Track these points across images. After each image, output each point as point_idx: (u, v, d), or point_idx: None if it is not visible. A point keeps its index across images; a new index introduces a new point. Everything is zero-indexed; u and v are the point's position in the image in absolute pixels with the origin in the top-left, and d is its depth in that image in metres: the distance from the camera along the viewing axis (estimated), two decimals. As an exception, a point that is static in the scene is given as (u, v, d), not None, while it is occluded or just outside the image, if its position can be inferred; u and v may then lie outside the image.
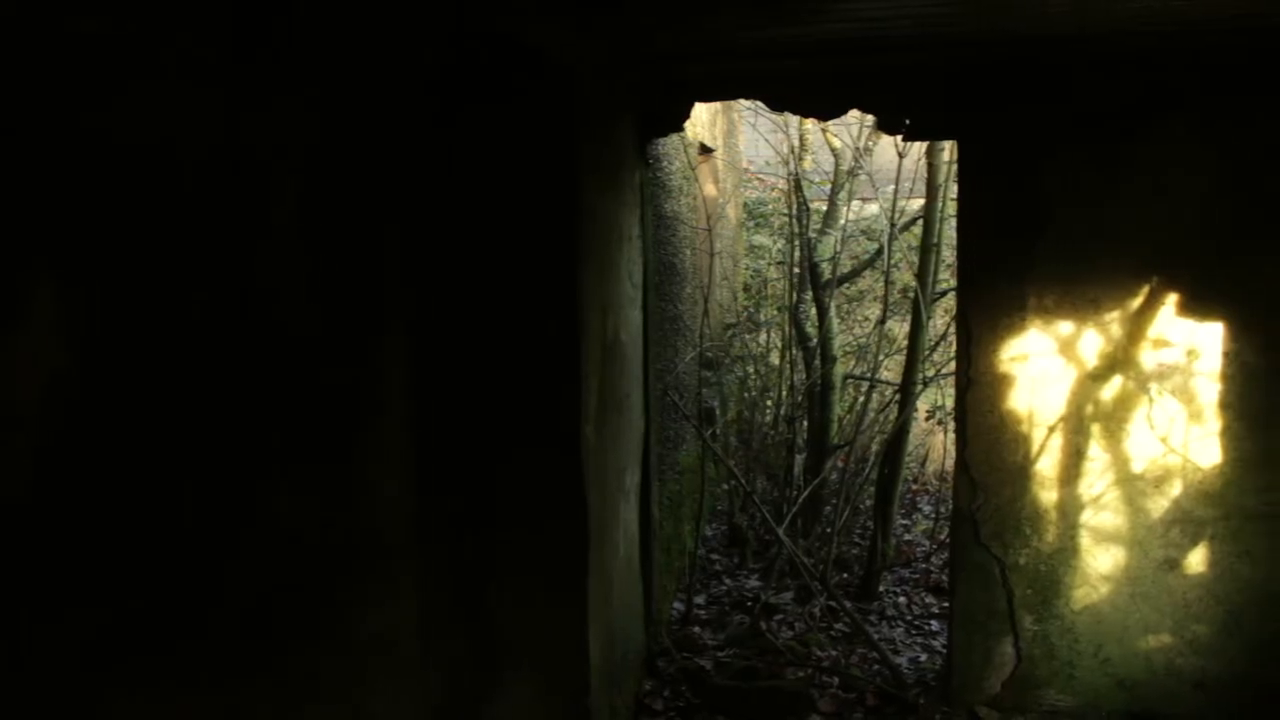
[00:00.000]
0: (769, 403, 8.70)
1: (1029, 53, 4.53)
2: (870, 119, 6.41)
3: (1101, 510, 5.09)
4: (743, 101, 8.57)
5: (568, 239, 4.04)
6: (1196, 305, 4.90)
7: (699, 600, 6.86)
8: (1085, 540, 5.13)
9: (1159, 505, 5.06)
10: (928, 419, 8.88)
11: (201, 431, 2.15)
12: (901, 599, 7.01)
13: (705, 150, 8.85)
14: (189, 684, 2.15)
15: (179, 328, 2.07)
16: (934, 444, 9.70)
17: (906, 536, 8.31)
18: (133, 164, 1.93)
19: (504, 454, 4.19)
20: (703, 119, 8.44)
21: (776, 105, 5.13)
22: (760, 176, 11.60)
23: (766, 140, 8.89)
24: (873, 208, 9.27)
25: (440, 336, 3.97)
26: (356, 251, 2.65)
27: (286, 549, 2.35)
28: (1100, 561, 5.13)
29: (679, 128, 5.40)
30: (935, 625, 6.53)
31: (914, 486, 9.60)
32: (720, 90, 5.27)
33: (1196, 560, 5.07)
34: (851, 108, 5.08)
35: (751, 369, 9.09)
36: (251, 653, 2.32)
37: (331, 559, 2.54)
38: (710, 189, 9.32)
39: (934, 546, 7.88)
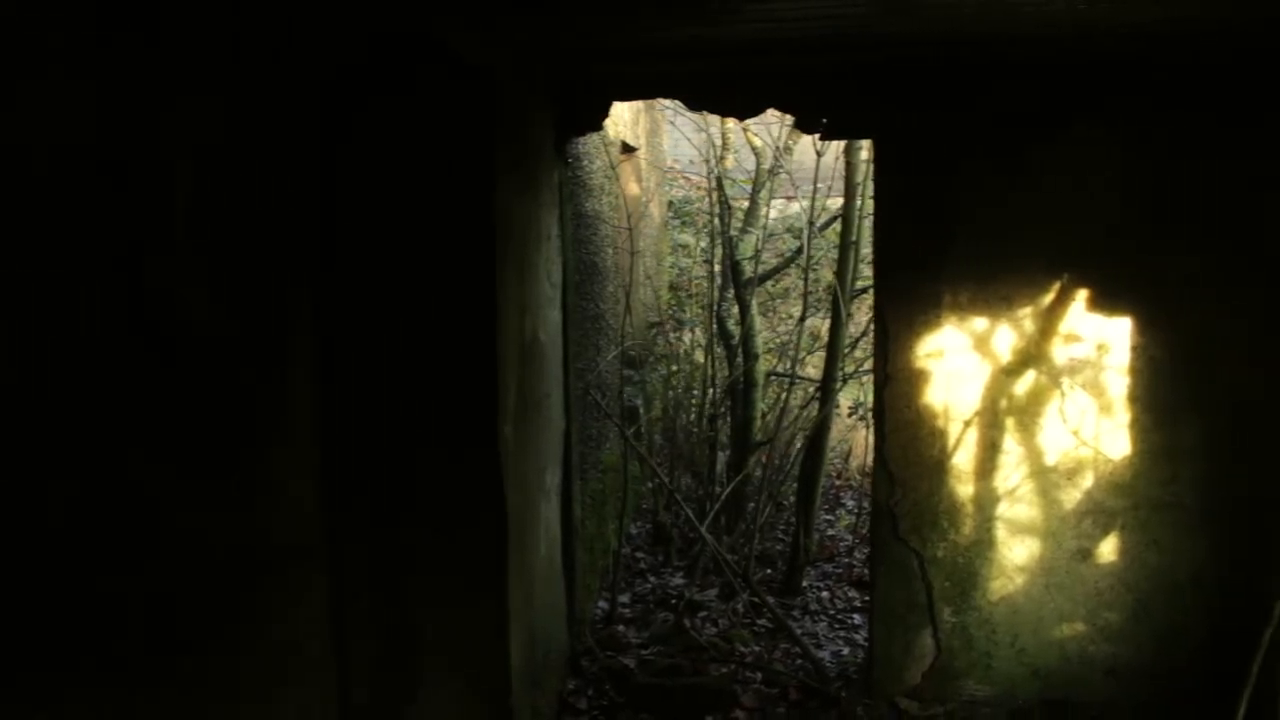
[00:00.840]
0: (693, 401, 8.73)
1: (942, 55, 4.60)
2: (789, 118, 6.45)
3: (1016, 503, 5.18)
4: (664, 100, 8.58)
5: (484, 239, 4.02)
6: (1106, 301, 5.01)
7: (623, 598, 6.86)
8: (1001, 532, 5.22)
9: (1071, 497, 5.16)
10: (850, 415, 8.97)
11: (94, 438, 2.10)
12: (825, 594, 7.07)
13: (628, 149, 8.86)
14: (90, 697, 2.11)
15: (68, 333, 2.02)
16: (857, 440, 9.81)
17: (830, 532, 8.40)
18: (10, 163, 1.88)
19: (422, 455, 4.16)
20: (625, 118, 8.44)
21: (694, 105, 5.15)
22: (687, 175, 11.63)
23: (689, 140, 8.90)
24: (795, 206, 9.33)
25: (352, 337, 3.94)
26: (257, 251, 2.61)
27: (188, 555, 2.31)
28: (1016, 553, 5.23)
29: (598, 127, 5.40)
30: (858, 619, 6.60)
31: (838, 482, 9.69)
32: (638, 90, 5.29)
33: (1107, 550, 5.18)
34: (769, 107, 5.12)
35: (676, 367, 9.11)
36: (154, 662, 2.28)
37: (236, 563, 2.50)
38: (633, 188, 9.32)
39: (856, 541, 7.96)
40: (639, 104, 9.08)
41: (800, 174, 8.17)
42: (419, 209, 4.01)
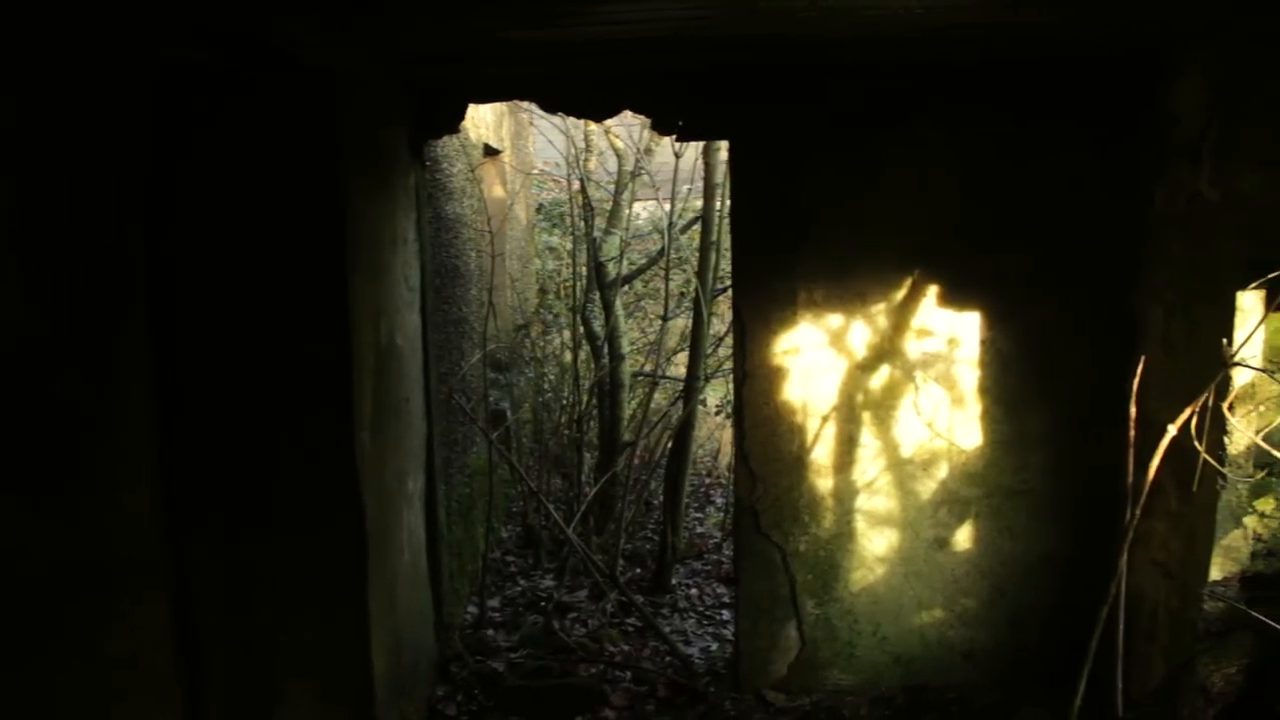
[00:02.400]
0: (562, 403, 8.73)
1: (789, 56, 4.67)
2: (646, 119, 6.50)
3: (875, 495, 5.30)
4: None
5: (335, 242, 3.96)
6: (955, 296, 5.14)
7: (493, 603, 6.83)
8: (861, 524, 5.32)
9: (927, 487, 5.29)
10: (717, 413, 9.06)
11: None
12: (694, 590, 7.13)
13: (491, 151, 8.82)
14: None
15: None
16: (725, 437, 9.91)
17: (699, 529, 8.47)
18: None
19: (276, 462, 4.09)
20: (488, 120, 8.40)
21: (550, 106, 5.14)
22: (556, 178, 11.62)
23: (550, 142, 8.89)
24: (661, 207, 9.40)
25: (198, 345, 3.85)
26: (82, 255, 2.53)
27: (12, 570, 2.24)
28: (875, 544, 5.34)
29: (454, 129, 5.36)
30: (726, 615, 6.67)
31: (707, 480, 9.78)
32: (493, 91, 5.26)
33: (963, 538, 5.32)
34: (624, 109, 5.14)
35: (544, 369, 9.10)
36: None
37: (61, 577, 2.43)
38: (498, 190, 9.28)
39: (724, 538, 8.04)
40: (502, 106, 9.05)
41: (665, 175, 8.23)
42: (265, 213, 3.93)
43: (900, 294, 5.14)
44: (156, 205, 3.28)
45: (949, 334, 5.17)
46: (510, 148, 9.60)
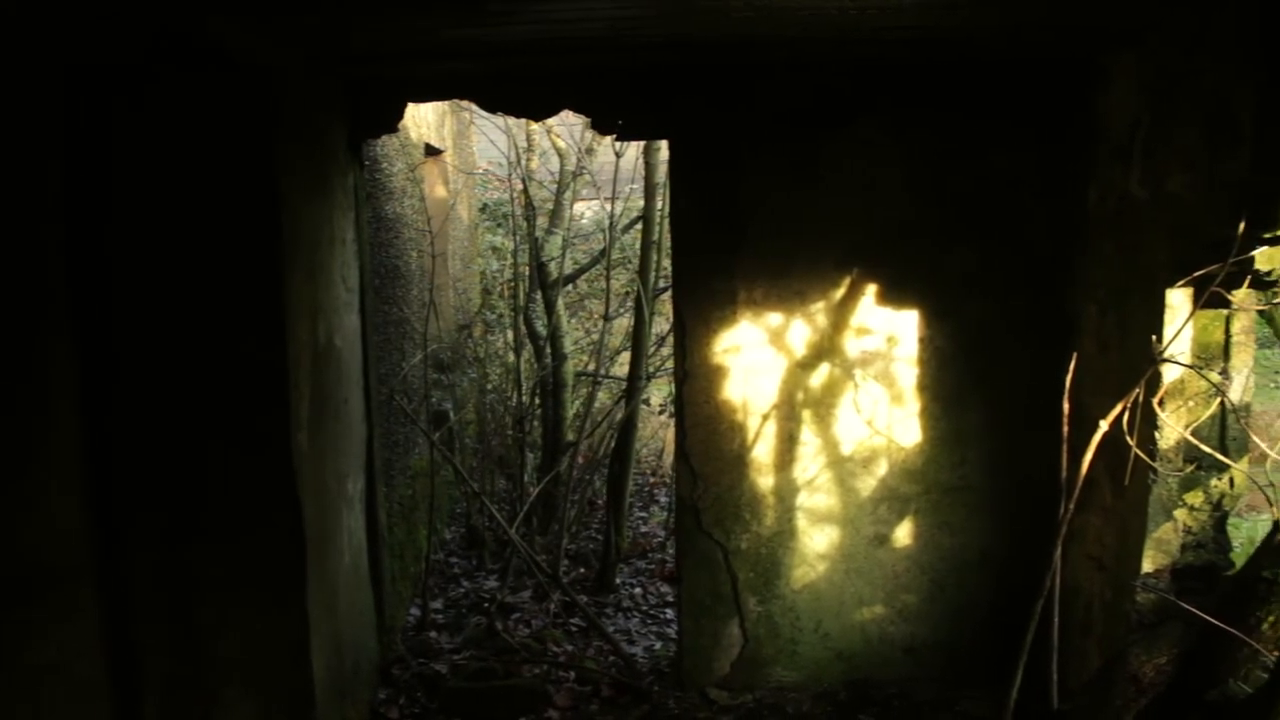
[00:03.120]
0: (506, 403, 8.70)
1: (727, 55, 4.69)
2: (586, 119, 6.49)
3: (815, 492, 5.33)
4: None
5: (270, 242, 3.93)
6: (894, 295, 5.19)
7: (436, 604, 6.80)
8: (802, 522, 5.36)
9: (868, 484, 5.34)
10: (660, 412, 9.07)
11: None
12: (638, 589, 7.14)
13: (433, 151, 8.76)
14: None
15: None
16: (669, 437, 9.91)
17: (643, 528, 8.48)
18: None
19: (212, 465, 4.05)
20: (429, 120, 8.35)
21: (489, 106, 5.13)
22: (499, 178, 11.59)
23: (492, 142, 8.87)
24: (605, 207, 9.40)
25: (131, 350, 3.80)
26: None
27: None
28: (816, 541, 5.37)
29: (393, 128, 5.33)
30: (670, 613, 6.68)
31: (652, 479, 9.79)
32: (431, 91, 5.23)
33: (903, 534, 5.37)
34: (563, 108, 5.14)
35: (488, 370, 9.07)
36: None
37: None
38: (440, 190, 9.23)
39: (668, 536, 8.06)
40: (444, 106, 9.00)
41: (607, 175, 8.23)
42: (201, 214, 3.90)
43: (840, 292, 5.17)
44: (84, 207, 3.23)
45: (888, 332, 5.21)
46: (452, 147, 9.55)
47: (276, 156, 3.93)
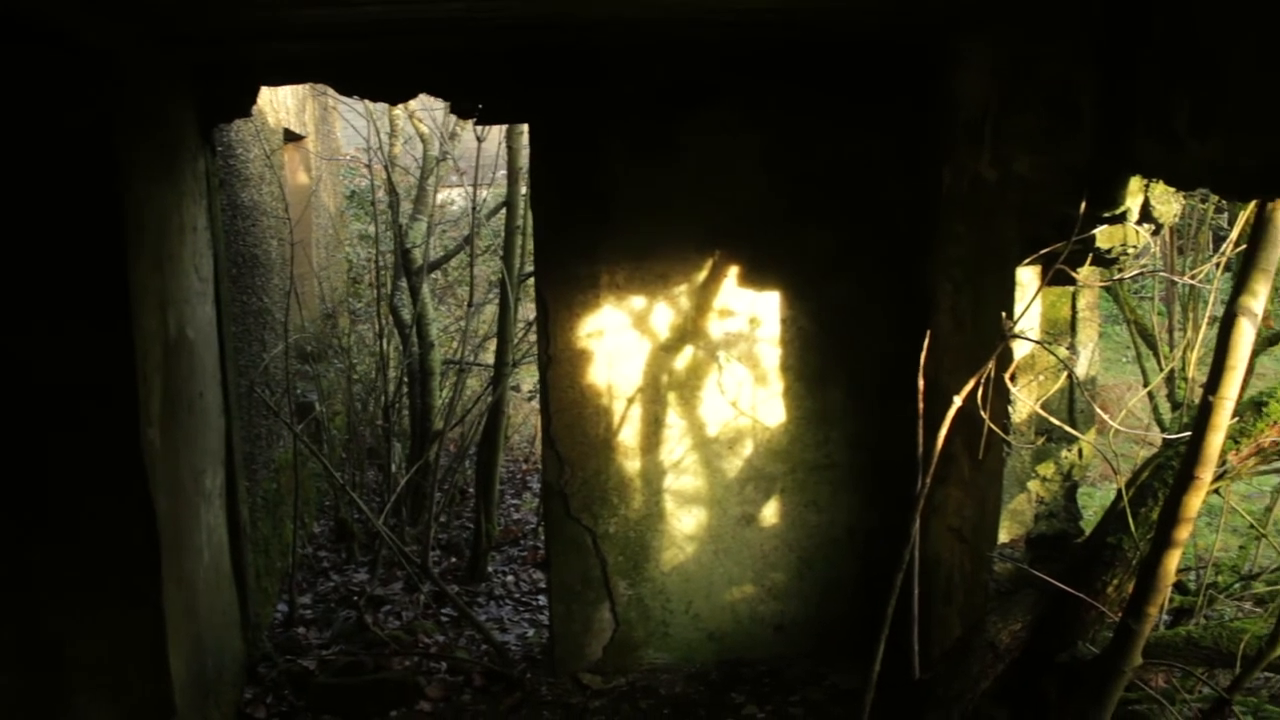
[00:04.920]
0: (375, 393, 8.56)
1: (584, 37, 4.66)
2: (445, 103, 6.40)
3: (682, 474, 5.35)
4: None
5: (113, 231, 3.78)
6: (756, 276, 5.23)
7: (304, 599, 6.67)
8: (670, 504, 5.38)
9: (734, 465, 5.38)
10: (530, 398, 9.03)
11: None
12: (510, 577, 7.10)
13: (293, 137, 8.57)
14: None
15: None
16: (540, 423, 9.87)
17: (515, 515, 8.44)
18: None
19: (57, 464, 3.90)
20: (289, 105, 8.15)
21: (344, 89, 5.00)
22: (367, 165, 11.40)
23: (353, 129, 8.70)
24: (481, 192, 9.30)
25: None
26: None
27: None
28: (685, 523, 5.40)
29: (246, 112, 5.17)
30: (542, 600, 6.65)
31: (524, 466, 9.74)
32: (285, 73, 5.08)
33: (770, 513, 5.43)
34: (420, 91, 5.05)
35: (354, 360, 8.91)
36: None
37: None
38: (301, 177, 9.04)
39: (540, 522, 8.02)
40: (305, 90, 8.80)
41: (472, 160, 8.13)
42: (38, 201, 3.74)
43: (702, 274, 5.19)
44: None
45: (751, 313, 5.25)
46: (314, 133, 9.35)
47: (119, 141, 3.79)
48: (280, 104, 7.80)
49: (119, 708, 4.09)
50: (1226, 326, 3.03)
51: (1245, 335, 3.00)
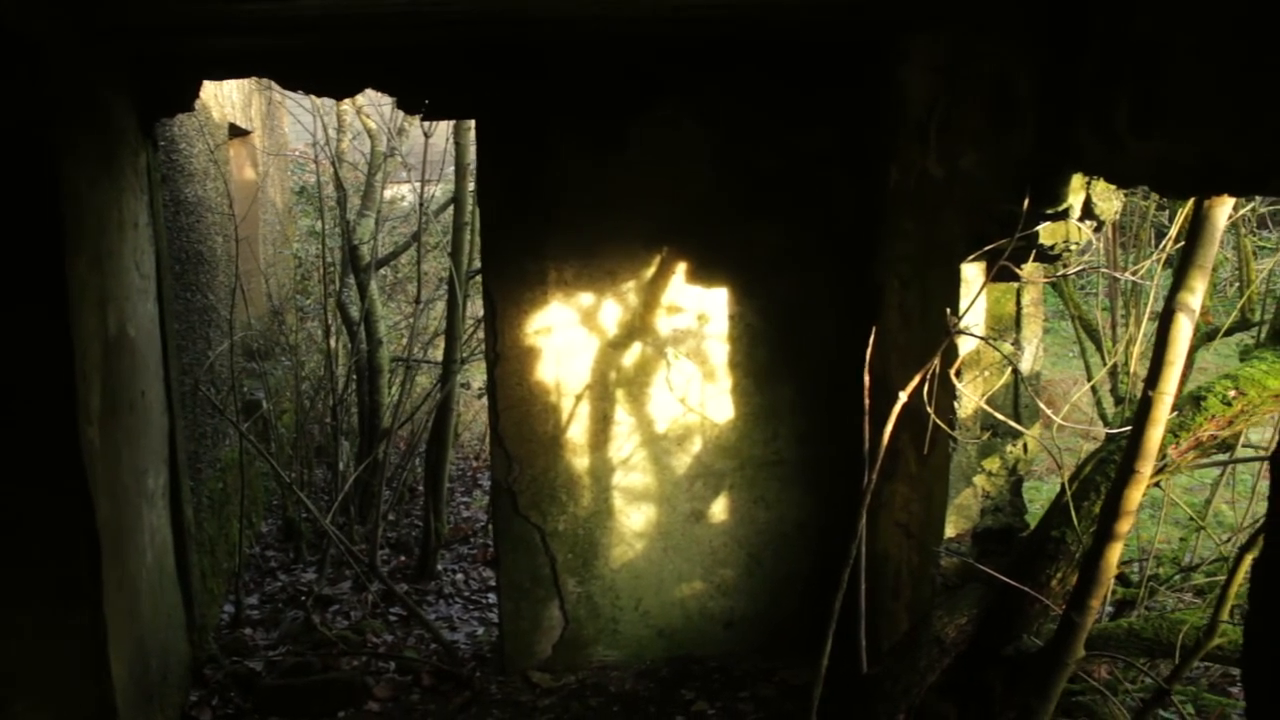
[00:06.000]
0: (323, 390, 8.49)
1: (530, 33, 4.63)
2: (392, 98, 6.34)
3: (631, 471, 5.35)
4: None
5: (49, 227, 3.70)
6: (704, 273, 5.23)
7: (251, 600, 6.60)
8: (619, 501, 5.37)
9: (683, 462, 5.38)
10: (480, 396, 8.99)
11: None
12: (459, 575, 7.06)
13: (239, 132, 8.48)
14: None
15: None
16: (492, 420, 9.83)
17: (465, 513, 8.40)
18: None
19: (-8, 466, 3.82)
20: (234, 100, 8.07)
21: (288, 83, 4.94)
22: (317, 161, 11.29)
23: (300, 123, 8.62)
24: (430, 189, 9.24)
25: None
26: None
27: None
28: (634, 520, 5.40)
29: (189, 107, 5.10)
30: (492, 598, 6.62)
31: (475, 464, 9.70)
32: (228, 68, 5.02)
33: (719, 510, 5.44)
34: (366, 86, 5.00)
35: (303, 357, 8.83)
36: None
37: None
38: (248, 173, 8.94)
39: (490, 520, 7.99)
40: (251, 85, 8.71)
41: (421, 156, 8.08)
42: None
43: (651, 271, 5.19)
44: None
45: (699, 309, 5.25)
46: (261, 128, 9.25)
47: (54, 135, 3.71)
48: (225, 98, 7.72)
49: (59, 713, 4.02)
50: (1165, 322, 3.07)
51: (1183, 331, 3.04)
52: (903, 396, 3.70)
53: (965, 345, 4.22)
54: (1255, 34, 2.41)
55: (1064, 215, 3.76)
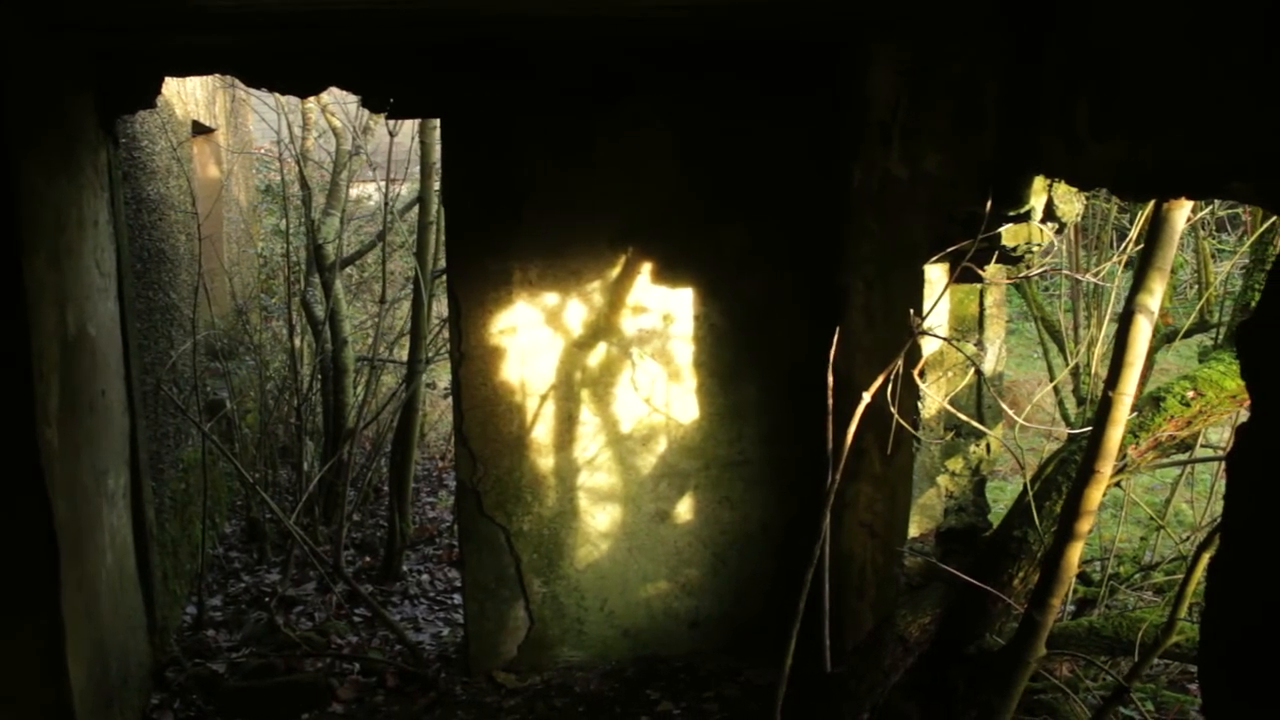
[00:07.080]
0: (288, 390, 8.44)
1: (496, 32, 4.61)
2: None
3: (596, 471, 5.34)
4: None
5: (6, 226, 3.66)
6: (669, 273, 5.23)
7: (214, 601, 6.55)
8: (584, 502, 5.36)
9: (648, 462, 5.38)
10: (446, 396, 8.96)
11: None
12: (425, 576, 7.04)
13: (202, 129, 8.41)
14: None
15: None
16: (458, 420, 9.80)
17: (431, 514, 8.36)
18: None
19: (-53, 467, 3.77)
20: (198, 97, 8.00)
21: (252, 81, 4.91)
22: (283, 159, 11.22)
23: (265, 121, 8.56)
24: (396, 188, 9.20)
25: None
26: None
27: None
28: (599, 521, 5.39)
29: (151, 104, 5.05)
30: (457, 599, 6.60)
31: (440, 464, 9.66)
32: (190, 64, 4.96)
33: (684, 510, 5.44)
34: (330, 84, 4.98)
35: (268, 357, 8.77)
36: None
37: None
38: (212, 171, 8.88)
39: (455, 521, 7.96)
40: (215, 82, 8.65)
41: (386, 155, 8.04)
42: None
43: (616, 271, 5.18)
44: None
45: (664, 310, 5.26)
46: (225, 126, 9.19)
47: (11, 131, 3.66)
48: (189, 95, 7.66)
49: (14, 716, 3.97)
50: (1125, 324, 3.10)
51: (1142, 332, 3.07)
52: (866, 397, 3.72)
53: (929, 346, 4.24)
54: (1205, 39, 2.43)
55: (1026, 217, 3.78)
